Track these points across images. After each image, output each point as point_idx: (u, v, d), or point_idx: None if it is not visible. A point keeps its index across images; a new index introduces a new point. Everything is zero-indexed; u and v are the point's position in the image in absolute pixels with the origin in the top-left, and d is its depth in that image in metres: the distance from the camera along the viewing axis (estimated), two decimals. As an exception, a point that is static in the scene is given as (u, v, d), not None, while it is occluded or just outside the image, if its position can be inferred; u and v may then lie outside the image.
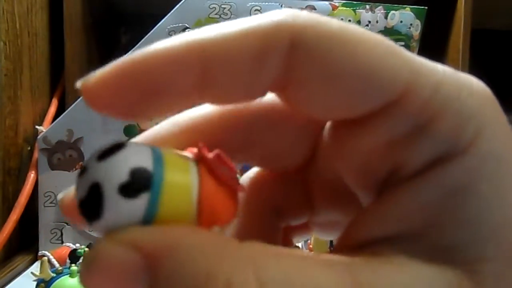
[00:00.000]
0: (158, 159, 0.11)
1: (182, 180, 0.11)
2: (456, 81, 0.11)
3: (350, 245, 0.12)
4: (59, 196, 0.13)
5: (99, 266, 0.10)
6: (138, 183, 0.10)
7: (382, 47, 0.11)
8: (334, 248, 0.13)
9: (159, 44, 0.11)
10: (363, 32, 0.12)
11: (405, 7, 0.62)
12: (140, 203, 0.10)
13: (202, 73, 0.11)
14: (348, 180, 0.13)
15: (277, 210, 0.16)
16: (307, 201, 0.16)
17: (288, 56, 0.11)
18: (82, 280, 0.10)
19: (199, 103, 0.13)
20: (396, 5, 0.62)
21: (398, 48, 0.12)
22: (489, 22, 0.87)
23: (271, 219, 0.16)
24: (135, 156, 0.10)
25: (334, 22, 0.12)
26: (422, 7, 0.63)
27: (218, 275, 0.09)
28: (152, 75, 0.11)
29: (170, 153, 0.11)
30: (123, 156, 0.10)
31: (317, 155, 0.15)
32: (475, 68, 0.74)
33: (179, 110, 0.13)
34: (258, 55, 0.11)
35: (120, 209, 0.10)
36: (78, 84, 0.11)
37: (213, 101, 0.12)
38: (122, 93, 0.11)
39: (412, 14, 0.62)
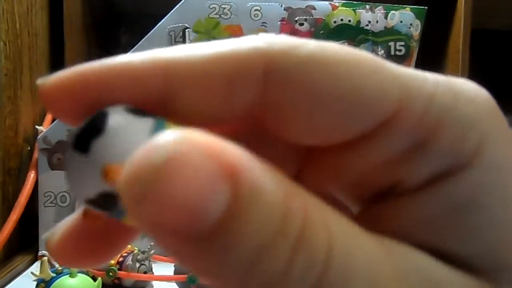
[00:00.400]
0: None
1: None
2: (451, 89, 0.11)
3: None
4: (44, 236, 0.12)
5: (172, 171, 0.08)
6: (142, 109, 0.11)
7: (366, 64, 0.11)
8: None
9: (123, 57, 0.11)
10: (344, 50, 0.11)
11: (405, 7, 0.62)
12: (147, 119, 0.10)
13: (165, 92, 0.11)
14: (338, 195, 0.13)
15: None
16: None
17: (263, 82, 0.11)
18: (139, 199, 0.08)
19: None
20: (396, 5, 0.62)
21: (383, 64, 0.11)
22: (489, 22, 0.87)
23: None
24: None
25: (311, 44, 0.11)
26: (422, 7, 0.63)
27: (293, 221, 0.09)
28: (108, 86, 0.11)
29: None
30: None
31: (301, 174, 0.14)
32: (475, 68, 0.74)
33: None
34: (228, 81, 0.11)
35: (127, 123, 0.10)
36: (38, 81, 0.12)
37: (180, 120, 0.11)
38: (75, 99, 0.11)
39: (412, 14, 0.62)
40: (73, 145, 0.10)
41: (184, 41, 0.58)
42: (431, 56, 0.66)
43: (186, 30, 0.58)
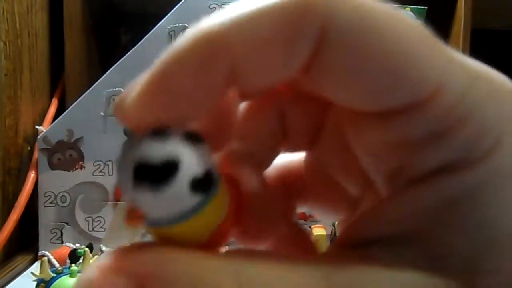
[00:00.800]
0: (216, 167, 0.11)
1: (224, 197, 0.11)
2: (488, 84, 0.11)
3: (345, 245, 0.12)
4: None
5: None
6: (205, 183, 0.10)
7: (416, 35, 0.11)
8: (329, 247, 0.13)
9: (179, 48, 0.11)
10: (396, 14, 0.11)
11: (405, 7, 0.62)
12: (193, 199, 0.10)
13: (230, 67, 0.11)
14: (363, 163, 0.13)
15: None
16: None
17: (318, 41, 0.10)
18: None
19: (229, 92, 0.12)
20: (395, 5, 0.62)
21: (432, 38, 0.11)
22: (489, 22, 0.87)
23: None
24: (209, 155, 0.11)
25: (369, 3, 0.11)
26: (422, 7, 0.63)
27: (204, 282, 0.10)
28: (182, 86, 0.11)
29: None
30: (203, 149, 0.11)
31: (323, 132, 0.14)
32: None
33: (214, 105, 0.12)
34: (287, 41, 0.10)
35: (181, 194, 0.10)
36: (114, 110, 0.12)
37: (243, 89, 0.12)
38: (158, 109, 0.11)
39: (412, 14, 0.62)
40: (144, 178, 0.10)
41: (184, 41, 0.58)
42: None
43: (186, 30, 0.58)
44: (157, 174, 0.10)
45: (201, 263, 0.10)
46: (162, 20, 0.58)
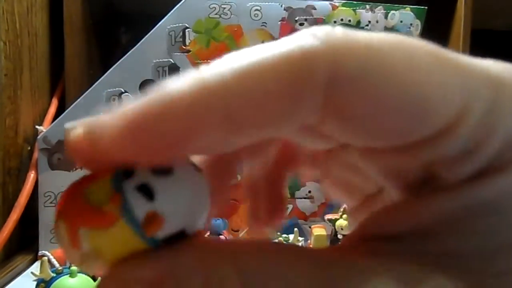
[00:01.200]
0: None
1: None
2: (505, 93, 0.10)
3: (356, 238, 0.12)
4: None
5: None
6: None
7: (429, 60, 0.10)
8: (343, 239, 0.13)
9: (176, 92, 0.10)
10: (403, 43, 0.10)
11: (405, 7, 0.62)
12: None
13: (225, 120, 0.10)
14: (377, 178, 0.13)
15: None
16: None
17: (326, 88, 0.10)
18: None
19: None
20: (396, 5, 0.62)
21: (446, 58, 0.10)
22: (489, 22, 0.87)
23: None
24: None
25: (373, 41, 0.10)
26: (422, 7, 0.63)
27: (202, 271, 0.10)
28: (174, 132, 0.10)
29: None
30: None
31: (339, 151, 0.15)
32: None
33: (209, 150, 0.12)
34: (290, 96, 0.10)
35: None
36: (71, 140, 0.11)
37: (238, 141, 0.11)
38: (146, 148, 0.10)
39: (412, 14, 0.62)
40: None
41: (184, 41, 0.58)
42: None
43: (186, 30, 0.58)
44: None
45: (206, 262, 0.10)
46: (162, 20, 0.58)
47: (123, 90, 0.58)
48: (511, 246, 0.10)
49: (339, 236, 0.54)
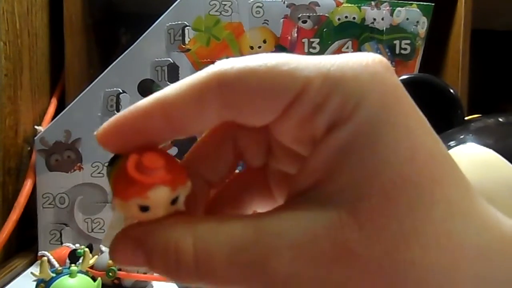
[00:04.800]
0: None
1: None
2: (341, 68, 0.15)
3: (286, 199, 0.16)
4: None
5: (117, 250, 0.16)
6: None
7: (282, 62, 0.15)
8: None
9: (135, 106, 0.15)
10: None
11: (412, 4, 0.61)
12: None
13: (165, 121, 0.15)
14: (290, 145, 0.17)
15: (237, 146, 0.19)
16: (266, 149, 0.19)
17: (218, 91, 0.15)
18: (112, 257, 0.16)
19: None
20: (402, 2, 0.60)
21: (293, 59, 0.15)
22: (489, 22, 0.87)
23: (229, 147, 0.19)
24: None
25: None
26: (429, 3, 0.61)
27: (170, 240, 0.15)
28: (135, 127, 0.15)
29: None
30: None
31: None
32: (475, 68, 0.74)
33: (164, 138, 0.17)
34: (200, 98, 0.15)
35: None
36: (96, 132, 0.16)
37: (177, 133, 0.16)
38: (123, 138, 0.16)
39: (418, 11, 0.61)
40: None
41: (183, 40, 0.58)
42: (431, 56, 0.66)
43: (186, 28, 0.58)
44: None
45: (167, 228, 0.15)
46: (161, 17, 0.58)
47: (121, 90, 0.58)
48: (364, 175, 0.14)
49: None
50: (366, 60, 0.15)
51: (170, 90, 0.15)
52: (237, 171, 0.20)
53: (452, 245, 0.14)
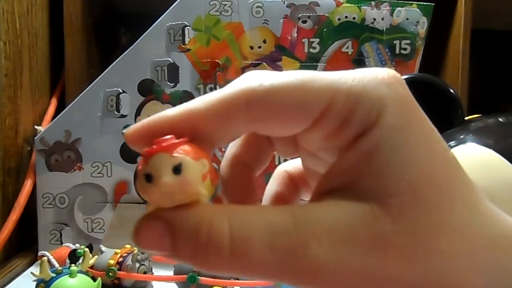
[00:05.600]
0: None
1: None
2: (361, 81, 0.16)
3: (314, 196, 0.17)
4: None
5: (141, 230, 0.15)
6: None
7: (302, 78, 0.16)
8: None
9: (164, 113, 0.16)
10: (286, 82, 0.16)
11: (412, 4, 0.61)
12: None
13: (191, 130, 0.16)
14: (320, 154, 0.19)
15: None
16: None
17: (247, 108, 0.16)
18: (135, 238, 0.15)
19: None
20: (402, 2, 0.60)
21: (315, 75, 0.16)
22: (489, 22, 0.87)
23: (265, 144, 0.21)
24: None
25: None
26: (429, 3, 0.61)
27: (203, 221, 0.15)
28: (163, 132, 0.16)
29: None
30: None
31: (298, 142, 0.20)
32: (475, 69, 0.74)
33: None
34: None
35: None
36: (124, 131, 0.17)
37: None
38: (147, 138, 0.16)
39: (418, 11, 0.61)
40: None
41: (183, 40, 0.58)
42: (431, 56, 0.66)
43: (186, 28, 0.58)
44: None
45: (200, 210, 0.15)
46: (161, 17, 0.58)
47: (121, 90, 0.58)
48: (392, 174, 0.15)
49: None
50: (382, 74, 0.16)
51: (198, 102, 0.16)
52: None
53: (473, 235, 0.15)
